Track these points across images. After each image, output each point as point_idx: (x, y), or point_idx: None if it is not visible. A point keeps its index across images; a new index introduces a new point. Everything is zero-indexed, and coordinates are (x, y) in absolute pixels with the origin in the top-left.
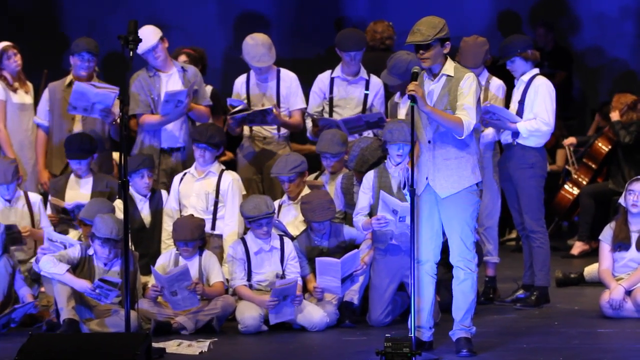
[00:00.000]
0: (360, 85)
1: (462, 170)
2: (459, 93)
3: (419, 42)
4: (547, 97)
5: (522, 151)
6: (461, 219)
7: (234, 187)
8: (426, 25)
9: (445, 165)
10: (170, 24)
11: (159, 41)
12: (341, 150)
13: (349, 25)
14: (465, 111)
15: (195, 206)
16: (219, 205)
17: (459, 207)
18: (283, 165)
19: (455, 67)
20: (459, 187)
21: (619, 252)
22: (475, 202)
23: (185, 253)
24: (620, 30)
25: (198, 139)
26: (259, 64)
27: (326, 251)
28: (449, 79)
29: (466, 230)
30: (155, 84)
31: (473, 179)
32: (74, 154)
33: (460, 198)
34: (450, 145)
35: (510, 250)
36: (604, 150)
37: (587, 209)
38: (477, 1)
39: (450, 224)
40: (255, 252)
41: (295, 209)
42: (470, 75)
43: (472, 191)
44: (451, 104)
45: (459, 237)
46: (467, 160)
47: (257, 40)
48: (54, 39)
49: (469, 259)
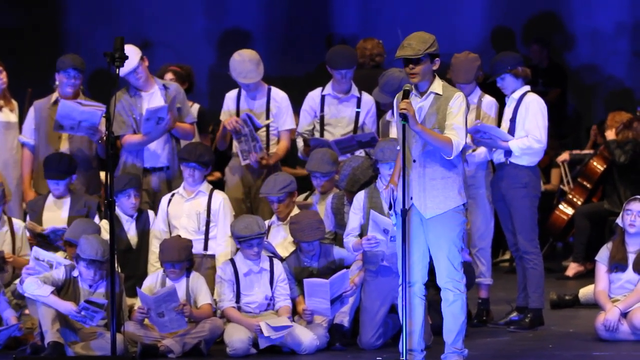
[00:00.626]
0: (352, 104)
1: (448, 191)
2: (448, 112)
3: (409, 56)
4: (539, 114)
5: (515, 170)
6: (448, 239)
7: (225, 207)
8: (416, 40)
9: (431, 186)
10: (155, 40)
11: (139, 62)
12: (331, 169)
13: (339, 42)
14: (455, 131)
15: (186, 227)
16: (211, 225)
17: (446, 227)
18: (272, 185)
19: (444, 86)
20: (444, 208)
21: (615, 273)
22: (462, 222)
23: (172, 274)
24: (615, 47)
25: (187, 158)
26: (245, 81)
27: (316, 272)
28: (437, 97)
29: (453, 251)
30: (136, 103)
31: (459, 200)
32: (51, 174)
33: (447, 218)
34: (437, 165)
35: (504, 271)
36: (599, 169)
37: (582, 230)
38: (469, 17)
39: (437, 245)
40: (245, 273)
41: (285, 229)
42: (460, 95)
43: (459, 211)
44: (439, 122)
45: (446, 258)
46: (453, 181)
47: (244, 57)
48: (37, 56)
49: (458, 280)
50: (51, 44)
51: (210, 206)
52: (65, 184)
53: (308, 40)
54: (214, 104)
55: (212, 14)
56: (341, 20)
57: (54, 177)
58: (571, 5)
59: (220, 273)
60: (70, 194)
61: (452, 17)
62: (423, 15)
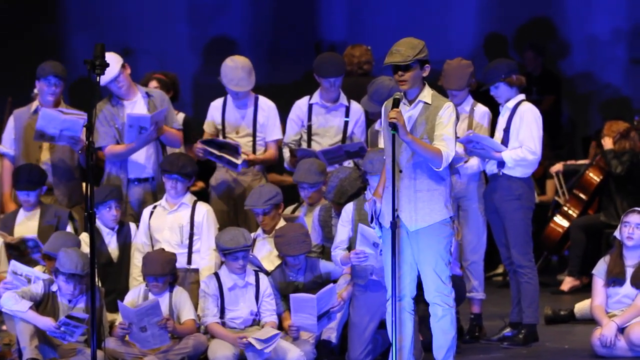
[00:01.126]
0: (340, 113)
1: (434, 204)
2: (437, 122)
3: (398, 63)
4: (533, 124)
5: (508, 182)
6: (435, 252)
7: (208, 219)
8: (405, 46)
9: (416, 197)
10: (137, 48)
11: (120, 70)
12: (319, 180)
13: (328, 49)
14: (445, 142)
15: (168, 240)
16: (194, 239)
17: (432, 240)
18: (257, 196)
19: (433, 95)
20: (430, 221)
21: (613, 288)
22: (449, 234)
23: (155, 289)
24: (611, 54)
25: (169, 169)
26: (236, 88)
27: (302, 287)
28: (426, 107)
29: (440, 264)
30: (119, 113)
31: (445, 213)
32: (22, 185)
33: (433, 230)
34: (425, 176)
35: (497, 286)
36: (595, 180)
37: (578, 243)
38: (461, 24)
39: (423, 258)
40: (229, 287)
41: (270, 243)
42: (450, 105)
43: (445, 223)
44: (428, 133)
45: (433, 272)
46: (440, 194)
47: (237, 63)
48: (16, 64)
49: (446, 294)
50: (30, 52)
51: (194, 218)
52: (35, 195)
53: (295, 48)
54: (199, 113)
55: (196, 21)
56: (329, 26)
57: (24, 188)
58: (566, 11)
59: (204, 287)
60: (40, 205)
61: (444, 23)
62: (414, 21)
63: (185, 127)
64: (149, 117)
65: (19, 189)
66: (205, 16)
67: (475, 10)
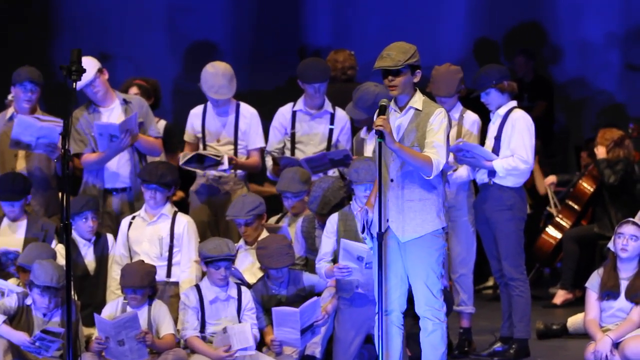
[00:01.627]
0: (325, 120)
1: (426, 214)
2: (428, 129)
3: (388, 67)
4: (525, 132)
5: (499, 192)
6: (426, 264)
7: (189, 231)
8: (396, 50)
9: (408, 207)
10: (115, 54)
11: (96, 74)
12: (302, 189)
13: (312, 54)
14: (435, 149)
15: (147, 252)
16: (174, 251)
17: (424, 252)
18: (240, 207)
19: (425, 101)
20: (422, 232)
21: (607, 301)
22: (441, 246)
23: (133, 301)
24: (605, 59)
25: (148, 179)
26: (217, 96)
27: (284, 300)
28: (417, 113)
29: (432, 277)
30: (95, 121)
31: (438, 223)
32: (5, 195)
33: (425, 242)
34: (416, 185)
35: (487, 299)
36: (589, 190)
37: (571, 255)
38: (450, 29)
39: (414, 271)
40: (211, 300)
41: (252, 254)
42: (442, 111)
43: (438, 234)
44: (419, 140)
45: (424, 285)
46: (432, 203)
47: (217, 70)
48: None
49: (437, 308)
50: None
51: (174, 230)
52: (20, 205)
53: (278, 53)
54: (180, 120)
55: (175, 25)
56: (313, 31)
57: (8, 198)
58: (558, 15)
59: (184, 299)
60: (26, 216)
61: (432, 27)
62: (401, 26)
63: (166, 135)
64: (117, 125)
65: (2, 200)
66: (186, 21)
67: (464, 15)
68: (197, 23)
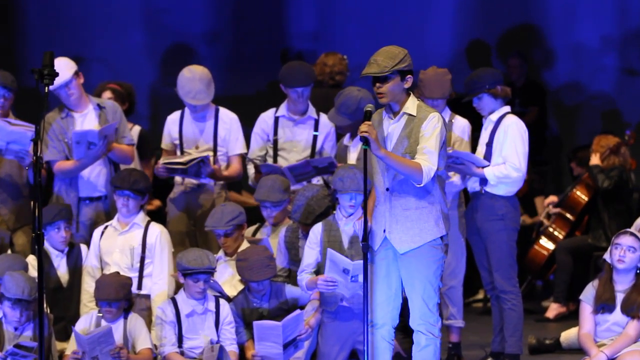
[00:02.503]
0: (309, 126)
1: (423, 222)
2: (420, 135)
3: (374, 74)
4: (518, 139)
5: (490, 201)
6: (423, 277)
7: (162, 241)
8: (384, 56)
9: (404, 216)
10: (88, 56)
11: (73, 76)
12: (283, 198)
13: (296, 57)
14: (426, 155)
15: (118, 263)
16: (146, 262)
17: (421, 264)
18: (219, 216)
19: (419, 106)
20: (420, 242)
21: (602, 315)
22: (439, 258)
23: (108, 315)
24: (600, 63)
25: (120, 185)
26: (194, 102)
27: (266, 314)
28: (410, 119)
29: (429, 290)
30: (68, 126)
31: (436, 232)
32: None
33: (422, 253)
34: (411, 193)
35: (477, 312)
36: (583, 199)
37: (564, 267)
38: (438, 30)
39: (410, 283)
40: (187, 314)
41: (232, 266)
42: (435, 115)
43: (436, 245)
44: (411, 147)
45: (420, 298)
46: (429, 211)
47: (194, 74)
48: None
49: (432, 323)
50: None
51: (146, 240)
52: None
53: (259, 56)
54: (156, 126)
55: (152, 27)
56: (297, 33)
57: None
58: (550, 17)
59: (160, 314)
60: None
61: (419, 29)
62: (387, 28)
63: (141, 141)
64: (96, 131)
65: None
66: (163, 22)
67: (453, 17)
68: (174, 24)
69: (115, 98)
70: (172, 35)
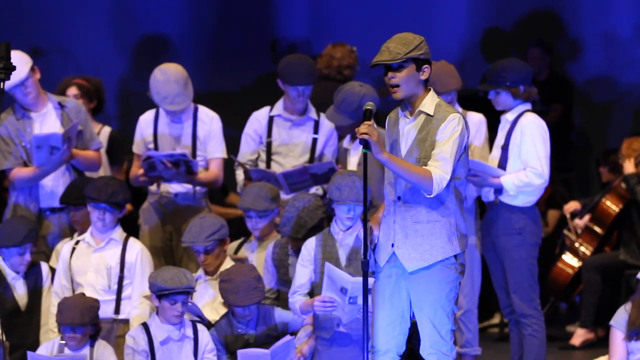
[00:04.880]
0: (308, 127)
1: (435, 238)
2: (437, 138)
3: (385, 62)
4: (538, 140)
5: (507, 212)
6: (434, 300)
7: (142, 260)
8: (397, 42)
9: (414, 230)
10: (50, 48)
11: (29, 72)
12: (269, 207)
13: (287, 49)
14: (439, 162)
15: (93, 284)
16: (125, 283)
17: (432, 285)
18: (197, 231)
19: (438, 105)
20: (430, 260)
21: (635, 342)
22: (453, 279)
23: (72, 342)
24: (633, 54)
25: (96, 197)
26: (173, 107)
27: (253, 341)
28: (427, 120)
29: (441, 315)
30: (25, 128)
31: (449, 250)
32: None
33: (434, 274)
34: (422, 204)
35: (493, 339)
36: (614, 210)
37: (592, 287)
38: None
39: (419, 306)
40: (162, 341)
41: (214, 286)
42: (456, 117)
43: (449, 265)
44: (428, 152)
45: (430, 324)
46: (442, 226)
47: (168, 76)
48: None
49: (445, 352)
50: None
51: (125, 259)
52: None
53: (245, 47)
54: (127, 126)
55: (123, 15)
56: (288, 21)
57: None
58: (577, 2)
59: (130, 342)
60: None
61: (427, 16)
62: (390, 14)
63: (111, 145)
64: (60, 135)
65: None
66: (136, 9)
67: (466, 3)
68: (148, 12)
69: (81, 95)
70: (146, 24)
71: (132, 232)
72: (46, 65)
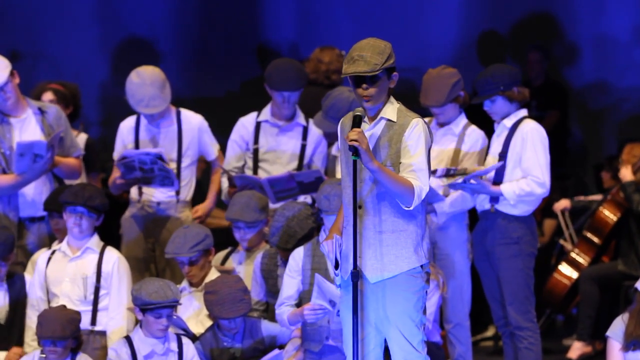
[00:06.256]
0: (296, 134)
1: (400, 248)
2: (403, 147)
3: (364, 73)
4: (539, 147)
5: (504, 221)
6: (401, 311)
7: (120, 269)
8: (371, 51)
9: (378, 240)
10: (27, 52)
11: (8, 77)
12: (258, 218)
13: (274, 52)
14: (415, 174)
15: (69, 294)
16: (101, 293)
17: (398, 296)
18: (181, 241)
19: (399, 110)
20: (395, 270)
21: (633, 352)
22: (419, 289)
23: (52, 355)
24: (631, 59)
25: (73, 200)
26: (148, 110)
27: (239, 355)
28: (389, 125)
29: (410, 326)
30: (5, 134)
31: (415, 260)
32: None
33: (399, 283)
34: (389, 213)
35: (487, 353)
36: (611, 220)
37: (589, 298)
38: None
39: (386, 318)
40: (146, 355)
41: (198, 298)
42: (419, 122)
43: (415, 274)
44: (391, 158)
45: (401, 336)
46: (408, 236)
47: (144, 79)
48: None
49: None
50: None
51: (101, 268)
52: None
53: (230, 50)
54: (106, 133)
55: (103, 17)
56: (274, 24)
57: None
58: (574, 5)
59: (112, 356)
60: None
61: (418, 19)
62: (378, 17)
63: (88, 152)
64: (44, 143)
65: None
66: (119, 12)
67: (459, 3)
68: (132, 16)
69: (57, 100)
70: (128, 26)
71: (113, 243)
72: (24, 69)
